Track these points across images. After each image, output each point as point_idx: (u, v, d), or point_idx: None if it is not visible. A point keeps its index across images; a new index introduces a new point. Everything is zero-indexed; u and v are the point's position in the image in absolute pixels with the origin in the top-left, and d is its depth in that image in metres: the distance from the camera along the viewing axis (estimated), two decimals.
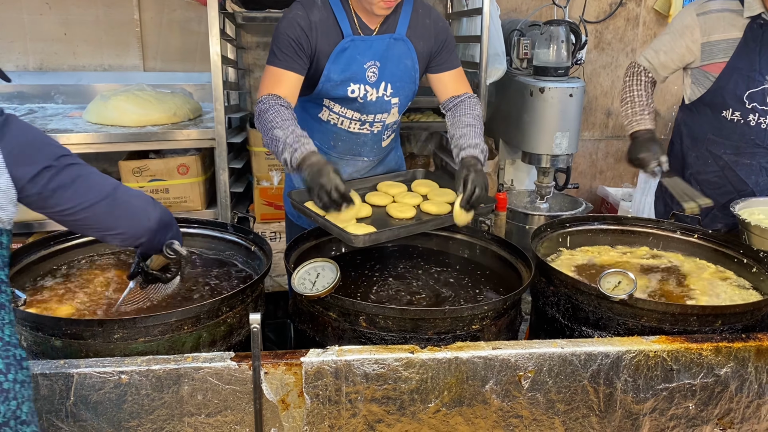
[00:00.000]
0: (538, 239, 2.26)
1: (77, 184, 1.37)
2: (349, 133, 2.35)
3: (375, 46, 2.22)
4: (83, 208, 1.39)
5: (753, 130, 2.47)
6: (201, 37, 3.76)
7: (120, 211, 1.47)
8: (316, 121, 2.35)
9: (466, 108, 2.31)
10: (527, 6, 4.08)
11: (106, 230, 1.48)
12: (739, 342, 1.80)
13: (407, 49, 2.28)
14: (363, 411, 1.71)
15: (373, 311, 1.78)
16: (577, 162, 4.48)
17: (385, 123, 2.37)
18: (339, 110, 2.29)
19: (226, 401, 1.66)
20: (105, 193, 1.43)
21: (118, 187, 1.47)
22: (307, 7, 2.16)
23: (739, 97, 2.45)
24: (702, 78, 2.55)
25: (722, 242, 2.29)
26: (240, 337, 1.87)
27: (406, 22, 2.26)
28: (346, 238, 2.00)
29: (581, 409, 1.80)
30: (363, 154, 2.43)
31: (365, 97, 2.25)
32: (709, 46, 2.47)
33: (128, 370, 1.60)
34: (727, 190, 2.60)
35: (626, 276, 1.87)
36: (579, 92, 3.01)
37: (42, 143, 1.34)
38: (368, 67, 2.22)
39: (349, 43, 2.18)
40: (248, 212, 3.41)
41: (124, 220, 1.48)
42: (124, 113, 3.19)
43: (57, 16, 3.70)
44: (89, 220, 1.42)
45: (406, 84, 2.32)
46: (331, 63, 2.18)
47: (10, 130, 1.28)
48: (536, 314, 2.22)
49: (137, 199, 1.52)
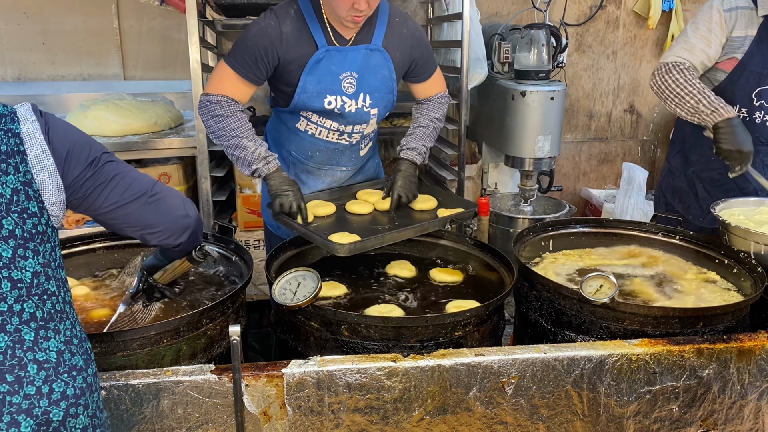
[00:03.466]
0: (521, 243, 2.26)
1: (115, 182, 1.39)
2: (327, 142, 2.34)
3: (351, 57, 2.22)
4: (121, 205, 1.40)
5: (758, 127, 2.49)
6: (181, 45, 3.73)
7: (160, 209, 1.47)
8: (293, 131, 2.34)
9: (427, 109, 2.47)
10: (508, 10, 4.10)
11: (146, 228, 1.48)
12: (720, 343, 1.80)
13: (384, 59, 2.28)
14: (346, 421, 1.70)
15: (355, 320, 1.77)
16: (561, 164, 4.50)
17: (363, 133, 2.37)
18: (317, 120, 2.28)
19: (208, 414, 1.64)
20: (143, 190, 1.44)
21: (156, 185, 1.48)
22: (280, 17, 2.15)
23: (748, 94, 2.47)
24: (713, 74, 2.56)
25: (703, 243, 2.30)
26: (221, 349, 1.85)
27: (382, 33, 2.26)
28: (331, 248, 1.99)
29: (565, 414, 1.79)
30: (341, 163, 2.42)
31: (343, 108, 2.24)
32: (730, 42, 2.50)
33: (106, 385, 1.58)
34: (729, 187, 2.62)
35: (608, 279, 1.87)
36: (560, 95, 3.02)
37: (84, 143, 1.35)
38: (344, 78, 2.22)
39: (324, 53, 2.18)
40: (231, 220, 3.39)
41: (164, 217, 1.48)
42: (104, 123, 3.16)
43: (35, 25, 3.67)
44: (129, 218, 1.43)
45: (385, 94, 2.33)
46: (306, 75, 2.18)
47: (56, 133, 1.29)
48: (520, 319, 2.21)
49: (175, 197, 1.52)
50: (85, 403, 1.30)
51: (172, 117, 3.39)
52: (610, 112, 4.46)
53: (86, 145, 1.35)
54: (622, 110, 4.47)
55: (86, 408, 1.30)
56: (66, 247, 2.14)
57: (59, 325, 1.29)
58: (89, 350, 1.38)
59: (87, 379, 1.32)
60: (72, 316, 1.35)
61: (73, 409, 1.27)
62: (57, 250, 1.33)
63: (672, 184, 2.82)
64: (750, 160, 2.39)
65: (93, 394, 1.33)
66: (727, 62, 2.51)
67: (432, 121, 2.44)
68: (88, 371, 1.33)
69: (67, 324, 1.32)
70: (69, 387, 1.27)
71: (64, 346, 1.29)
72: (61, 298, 1.31)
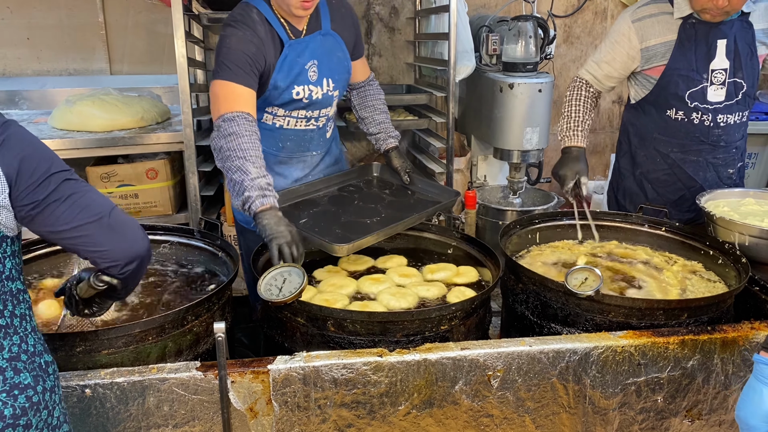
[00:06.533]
0: (507, 236, 2.27)
1: (72, 200, 1.31)
2: (296, 131, 2.38)
3: (310, 46, 2.27)
4: (76, 226, 1.32)
5: (697, 127, 2.50)
6: (168, 39, 3.70)
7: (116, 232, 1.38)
8: (259, 126, 2.32)
9: (375, 92, 2.56)
10: (495, 2, 4.08)
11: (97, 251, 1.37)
12: (704, 334, 1.81)
13: (336, 42, 2.35)
14: (333, 416, 1.71)
15: (341, 316, 1.77)
16: (550, 156, 4.49)
17: (328, 116, 2.44)
18: (284, 113, 2.32)
19: (194, 411, 1.64)
20: (100, 213, 1.35)
21: (114, 209, 1.39)
22: (251, 24, 2.14)
23: (680, 97, 2.47)
24: (644, 81, 2.56)
25: (689, 234, 2.32)
26: (207, 346, 1.84)
27: (327, 17, 2.33)
28: (329, 249, 2.00)
29: (551, 406, 1.80)
30: (311, 148, 2.46)
31: (310, 97, 2.28)
32: (647, 51, 2.49)
33: (91, 383, 1.57)
34: (677, 187, 2.62)
35: (593, 272, 1.88)
36: (548, 87, 3.02)
37: (42, 157, 1.28)
38: (309, 67, 2.26)
39: (288, 48, 2.21)
40: (219, 216, 3.37)
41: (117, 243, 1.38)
42: (90, 118, 3.13)
43: (19, 20, 3.63)
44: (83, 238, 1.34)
45: (343, 75, 2.39)
46: (277, 72, 2.20)
47: (9, 142, 1.23)
48: (507, 311, 2.22)
49: (132, 224, 1.43)
50: (26, 423, 1.25)
51: (158, 112, 3.36)
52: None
53: (44, 160, 1.28)
54: (611, 101, 4.47)
55: (27, 428, 1.25)
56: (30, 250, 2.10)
57: (2, 342, 1.24)
58: (45, 365, 1.33)
59: (33, 397, 1.27)
60: (23, 330, 1.30)
61: (10, 429, 1.22)
62: (7, 261, 1.27)
63: (622, 185, 2.78)
64: (564, 185, 2.44)
65: (40, 413, 1.28)
66: (655, 69, 2.50)
67: (384, 104, 2.57)
68: (36, 388, 1.28)
69: (14, 339, 1.27)
70: (7, 407, 1.23)
71: (7, 363, 1.25)
72: (8, 312, 1.26)
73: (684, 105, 2.47)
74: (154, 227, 2.25)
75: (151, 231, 2.23)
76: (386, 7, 3.96)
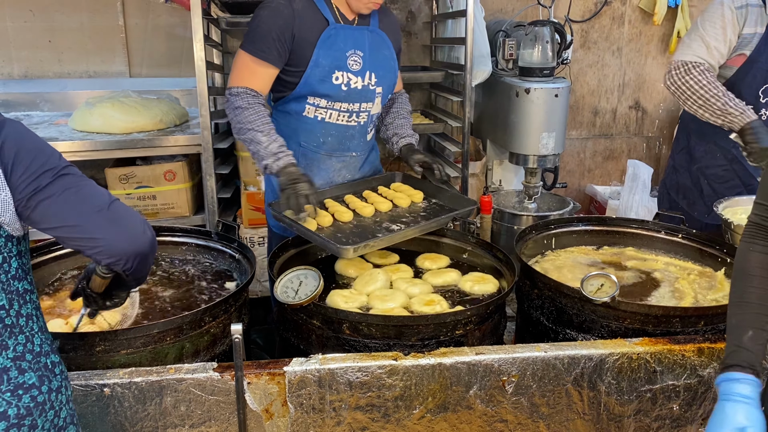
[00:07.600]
0: (523, 242, 2.27)
1: (70, 194, 1.27)
2: (337, 126, 2.37)
3: (356, 36, 2.30)
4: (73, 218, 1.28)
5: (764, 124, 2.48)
6: (187, 43, 3.73)
7: (114, 226, 1.33)
8: (301, 121, 2.34)
9: (403, 103, 2.61)
10: (512, 6, 4.08)
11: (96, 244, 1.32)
12: (721, 342, 1.80)
13: (383, 40, 2.40)
14: (347, 419, 1.72)
15: (356, 319, 1.78)
16: (565, 161, 4.49)
17: (369, 113, 2.42)
18: (326, 105, 2.32)
19: (210, 412, 1.66)
20: (100, 205, 1.31)
21: (114, 201, 1.35)
22: None
23: (755, 91, 2.47)
24: (721, 71, 2.55)
25: (706, 241, 2.30)
26: (224, 347, 1.86)
27: (376, 17, 2.39)
28: (334, 250, 2.00)
29: (565, 412, 1.80)
30: (351, 148, 2.45)
31: (349, 85, 2.29)
32: (740, 39, 2.50)
33: (110, 382, 1.60)
34: (734, 183, 2.62)
35: (609, 278, 1.88)
36: (564, 92, 3.02)
37: (40, 151, 1.26)
38: (350, 55, 2.28)
39: (334, 30, 2.25)
40: (236, 218, 3.40)
41: (116, 235, 1.33)
42: (110, 120, 3.17)
43: (41, 23, 3.69)
44: (79, 231, 1.30)
45: (388, 73, 2.41)
46: (319, 48, 2.23)
47: (8, 139, 1.22)
48: (522, 317, 2.22)
49: (133, 217, 1.38)
50: (31, 424, 1.24)
51: (177, 114, 3.40)
52: (615, 109, 4.45)
53: (42, 154, 1.26)
54: (627, 107, 4.45)
55: (33, 428, 1.25)
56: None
57: (8, 341, 1.24)
58: (52, 365, 1.33)
59: (38, 397, 1.26)
60: (29, 330, 1.30)
61: (15, 430, 1.22)
62: (13, 260, 1.26)
63: (676, 180, 2.81)
64: None
65: (46, 413, 1.28)
66: (736, 59, 2.51)
67: (409, 114, 2.61)
68: (42, 388, 1.28)
69: (20, 339, 1.27)
70: (12, 407, 1.22)
71: (11, 363, 1.25)
72: (13, 312, 1.26)
73: (755, 99, 2.48)
74: (171, 229, 2.28)
75: (168, 233, 2.26)
76: (403, 12, 3.97)
